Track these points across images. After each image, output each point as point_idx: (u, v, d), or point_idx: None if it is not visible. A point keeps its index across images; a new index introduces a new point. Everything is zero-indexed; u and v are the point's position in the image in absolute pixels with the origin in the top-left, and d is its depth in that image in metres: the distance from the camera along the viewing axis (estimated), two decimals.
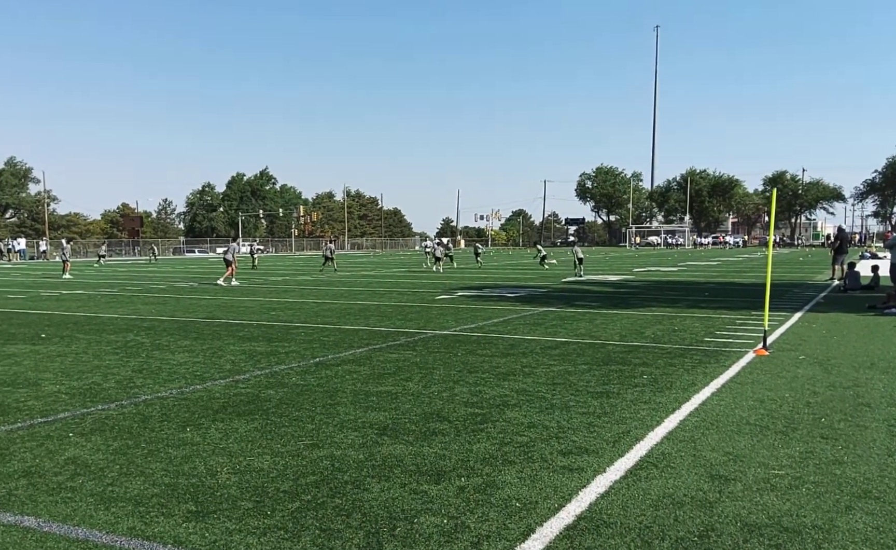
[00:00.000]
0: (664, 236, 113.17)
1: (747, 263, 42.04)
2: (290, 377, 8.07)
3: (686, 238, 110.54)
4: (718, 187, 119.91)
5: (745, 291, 20.88)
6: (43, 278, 30.16)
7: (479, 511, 4.17)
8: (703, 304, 16.66)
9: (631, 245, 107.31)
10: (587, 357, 9.27)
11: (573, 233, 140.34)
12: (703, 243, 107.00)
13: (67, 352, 9.98)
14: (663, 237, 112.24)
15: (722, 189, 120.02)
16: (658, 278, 27.82)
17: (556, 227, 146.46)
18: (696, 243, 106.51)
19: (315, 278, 27.90)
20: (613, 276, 29.00)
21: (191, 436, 5.72)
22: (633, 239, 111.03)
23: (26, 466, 5.00)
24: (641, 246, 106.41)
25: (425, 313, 14.85)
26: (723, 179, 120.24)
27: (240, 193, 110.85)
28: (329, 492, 4.48)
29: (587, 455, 5.18)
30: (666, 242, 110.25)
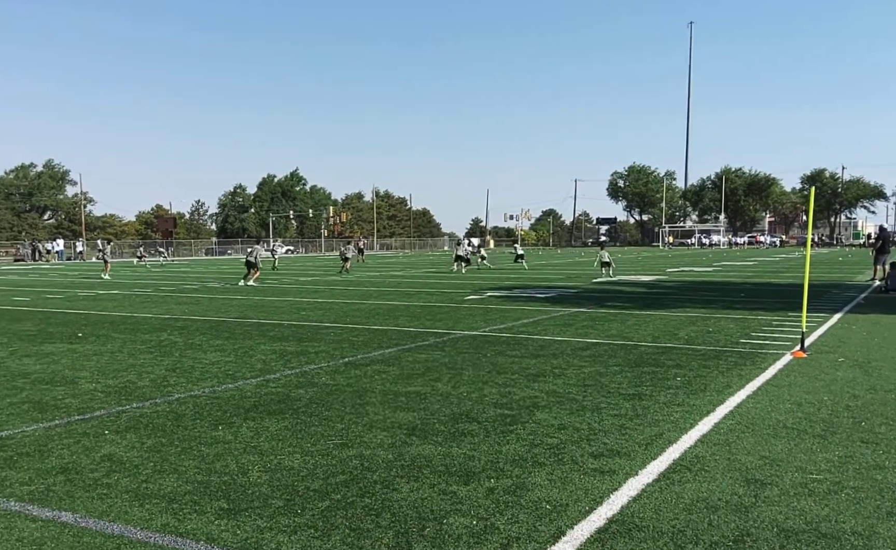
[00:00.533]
0: (698, 235, 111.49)
1: (784, 263, 41.26)
2: (319, 377, 8.12)
3: (721, 238, 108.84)
4: (754, 186, 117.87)
5: (783, 291, 20.48)
6: (80, 279, 30.82)
7: (508, 513, 4.14)
8: (738, 305, 16.38)
9: (664, 245, 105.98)
10: (619, 359, 9.17)
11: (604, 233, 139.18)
12: (739, 242, 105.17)
13: (103, 351, 10.17)
14: (697, 237, 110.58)
15: (758, 188, 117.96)
16: (692, 278, 27.43)
17: (587, 226, 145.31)
18: (731, 243, 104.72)
19: (344, 279, 28.08)
20: (646, 276, 28.67)
21: (223, 434, 5.78)
22: (665, 239, 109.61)
23: (64, 462, 5.10)
24: (674, 246, 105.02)
25: (454, 313, 14.84)
26: (759, 178, 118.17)
27: (270, 195, 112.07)
28: (358, 492, 4.48)
29: (619, 458, 5.12)
30: (700, 241, 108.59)
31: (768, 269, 34.05)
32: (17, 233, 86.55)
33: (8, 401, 7.03)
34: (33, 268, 46.31)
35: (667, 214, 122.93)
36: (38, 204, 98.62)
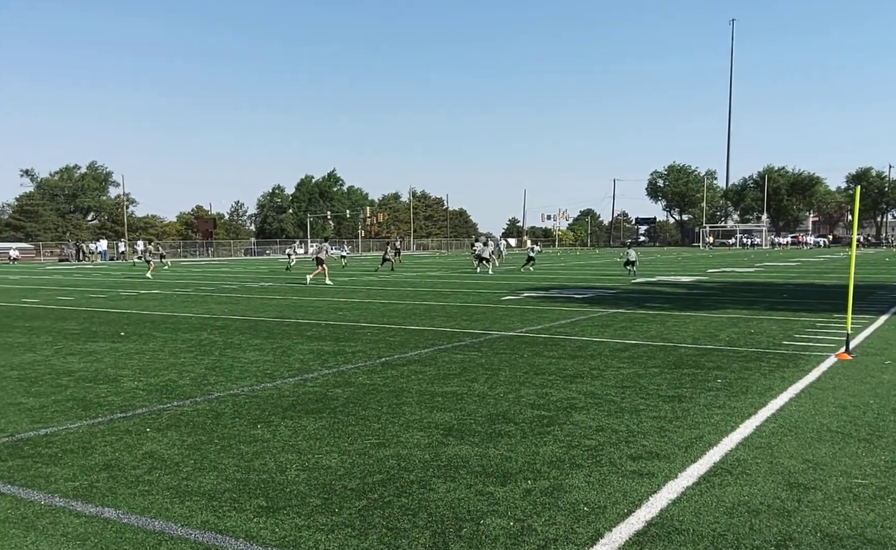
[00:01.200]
0: (740, 235, 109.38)
1: (829, 263, 40.26)
2: (356, 377, 8.17)
3: (763, 238, 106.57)
4: (798, 185, 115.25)
5: (827, 292, 19.99)
6: (123, 279, 31.54)
7: (545, 515, 4.11)
8: (781, 306, 16.02)
9: (704, 245, 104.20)
10: (658, 360, 9.04)
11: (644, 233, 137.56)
12: (782, 243, 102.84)
13: (145, 350, 10.38)
14: (739, 237, 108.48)
15: (801, 187, 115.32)
16: (733, 278, 26.92)
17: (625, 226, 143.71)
18: (773, 243, 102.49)
19: (381, 279, 28.22)
20: (686, 277, 28.23)
21: (261, 433, 5.85)
22: (706, 239, 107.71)
23: (107, 459, 5.21)
24: (715, 246, 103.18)
25: (491, 313, 14.80)
26: (802, 177, 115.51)
27: (308, 195, 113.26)
28: (395, 491, 4.49)
29: (658, 460, 5.04)
30: (741, 242, 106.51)
31: (812, 270, 33.25)
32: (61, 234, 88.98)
33: (53, 399, 7.21)
34: (77, 268, 47.54)
35: (707, 214, 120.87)
36: (81, 205, 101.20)
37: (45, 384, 7.92)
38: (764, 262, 43.66)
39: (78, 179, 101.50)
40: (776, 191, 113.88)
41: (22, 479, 4.79)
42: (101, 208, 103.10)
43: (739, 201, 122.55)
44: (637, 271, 29.58)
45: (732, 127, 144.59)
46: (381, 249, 34.34)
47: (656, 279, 26.45)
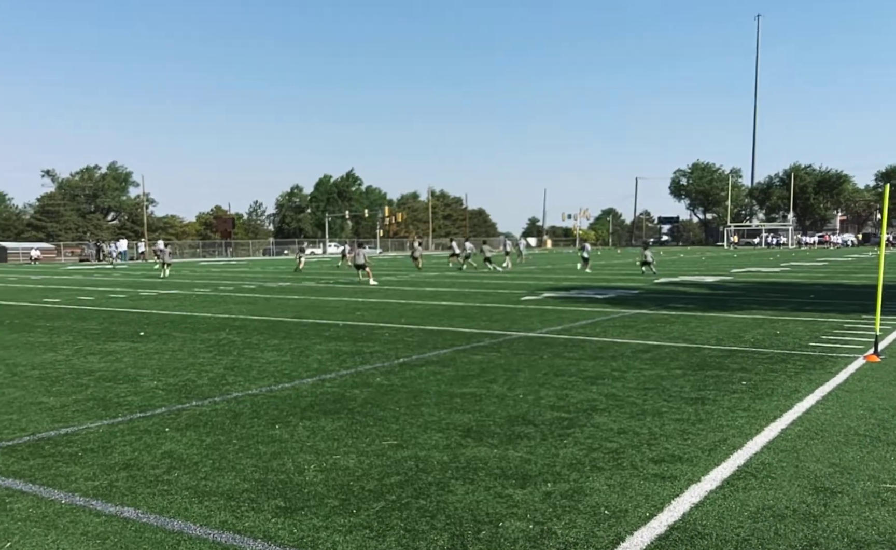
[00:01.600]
0: (765, 235, 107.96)
1: (857, 263, 39.66)
2: (374, 377, 8.14)
3: (789, 237, 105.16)
4: (825, 183, 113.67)
5: (855, 293, 19.66)
6: (142, 279, 31.85)
7: (566, 518, 4.04)
8: (808, 306, 15.77)
9: (729, 245, 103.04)
10: (681, 362, 8.92)
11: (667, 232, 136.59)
12: (808, 242, 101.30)
13: (164, 350, 10.44)
14: (764, 236, 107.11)
15: (829, 185, 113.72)
16: (758, 279, 26.59)
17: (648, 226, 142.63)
18: (799, 243, 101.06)
19: (399, 279, 28.24)
20: (710, 277, 27.94)
21: (279, 433, 5.84)
22: (730, 238, 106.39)
23: (126, 459, 5.23)
24: (740, 245, 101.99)
25: (510, 314, 14.73)
26: (830, 175, 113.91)
27: (326, 195, 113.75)
28: (413, 493, 4.45)
29: (681, 464, 4.95)
30: (766, 241, 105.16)
31: (840, 269, 32.75)
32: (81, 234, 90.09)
33: (73, 398, 7.26)
34: (97, 268, 48.11)
35: (732, 213, 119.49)
36: (102, 205, 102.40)
37: (65, 384, 7.99)
38: (790, 261, 43.12)
39: (98, 180, 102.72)
40: (803, 189, 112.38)
41: (43, 478, 4.81)
42: (121, 208, 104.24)
43: (765, 200, 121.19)
44: (656, 270, 29.61)
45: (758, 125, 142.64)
46: (405, 248, 35.33)
47: (679, 279, 26.20)
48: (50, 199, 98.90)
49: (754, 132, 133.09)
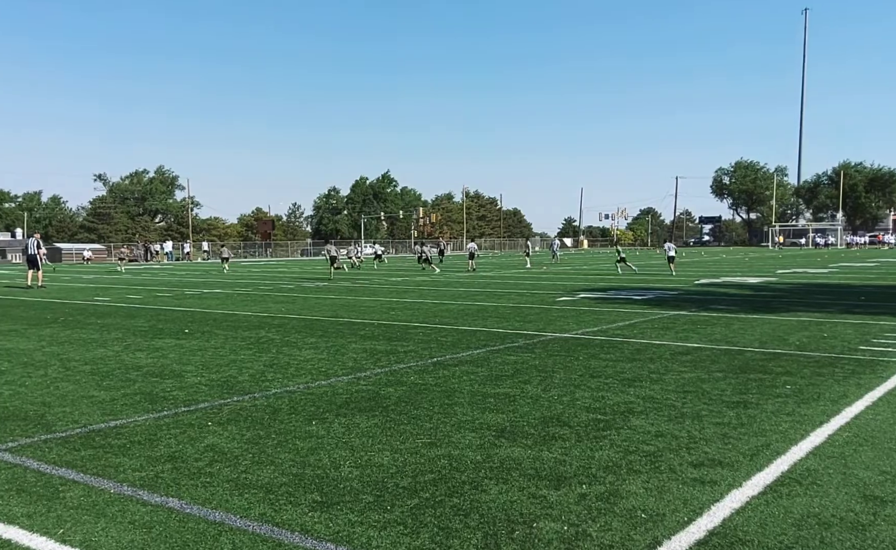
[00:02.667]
0: (812, 235, 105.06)
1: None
2: (408, 376, 8.19)
3: (838, 238, 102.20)
4: (877, 181, 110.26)
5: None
6: (187, 278, 32.51)
7: (601, 520, 4.01)
8: (858, 309, 15.31)
9: (773, 245, 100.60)
10: (722, 364, 8.77)
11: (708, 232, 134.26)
12: (859, 242, 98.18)
13: (207, 347, 10.65)
14: (811, 237, 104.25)
15: (881, 183, 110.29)
16: (805, 280, 25.95)
17: (688, 226, 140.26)
18: (848, 243, 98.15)
19: (433, 279, 28.30)
20: (753, 278, 27.36)
21: (316, 429, 5.91)
22: (775, 238, 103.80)
23: (171, 451, 5.35)
24: (785, 246, 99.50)
25: (545, 314, 14.65)
26: (882, 173, 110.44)
27: (363, 196, 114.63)
28: (447, 491, 4.47)
29: (721, 468, 4.87)
30: (814, 241, 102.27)
31: (893, 271, 31.74)
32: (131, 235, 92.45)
33: (122, 392, 7.46)
34: (145, 268, 49.26)
35: (777, 212, 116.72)
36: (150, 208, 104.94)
37: (115, 379, 8.21)
38: (839, 262, 41.97)
39: (146, 183, 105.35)
40: (853, 188, 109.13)
41: (94, 468, 4.96)
42: (168, 210, 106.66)
43: (812, 199, 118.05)
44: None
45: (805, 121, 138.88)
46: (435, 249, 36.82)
47: (721, 280, 25.71)
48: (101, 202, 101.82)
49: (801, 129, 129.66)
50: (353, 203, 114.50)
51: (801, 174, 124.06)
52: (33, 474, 4.87)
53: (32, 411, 6.68)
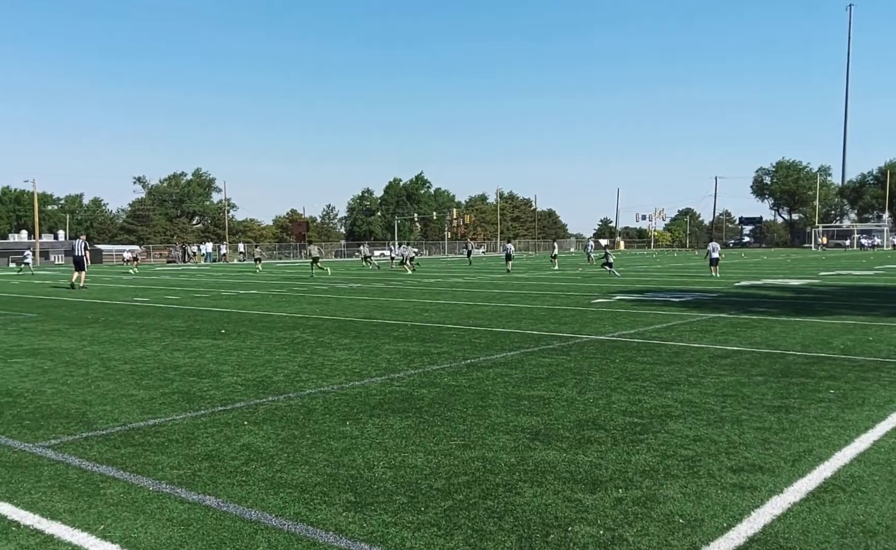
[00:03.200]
0: (857, 236, 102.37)
1: None
2: (442, 378, 8.17)
3: (884, 239, 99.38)
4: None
5: None
6: (223, 279, 33.00)
7: (637, 525, 3.95)
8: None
9: (816, 246, 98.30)
10: (763, 368, 8.58)
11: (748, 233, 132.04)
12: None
13: (243, 347, 10.79)
14: (856, 238, 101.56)
15: None
16: (849, 282, 25.31)
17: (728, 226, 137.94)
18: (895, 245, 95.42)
19: (467, 281, 28.28)
20: (795, 280, 26.79)
21: (350, 430, 5.94)
22: (819, 240, 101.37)
23: (208, 450, 5.42)
24: (829, 247, 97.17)
25: (580, 317, 14.52)
26: None
27: (396, 198, 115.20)
28: (481, 493, 4.44)
29: (761, 474, 4.76)
30: (859, 243, 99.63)
31: None
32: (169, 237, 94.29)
33: (160, 391, 7.59)
34: (182, 269, 50.15)
35: (820, 213, 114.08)
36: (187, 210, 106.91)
37: (153, 378, 8.36)
38: (885, 264, 40.86)
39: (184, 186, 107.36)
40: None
41: (133, 466, 5.05)
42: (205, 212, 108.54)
43: (857, 199, 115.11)
44: (717, 273, 28.99)
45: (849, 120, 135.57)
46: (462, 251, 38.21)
47: (762, 282, 25.22)
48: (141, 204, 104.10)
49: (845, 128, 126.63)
50: (386, 205, 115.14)
51: (846, 174, 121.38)
52: (75, 471, 4.98)
53: (74, 409, 6.84)
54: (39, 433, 5.95)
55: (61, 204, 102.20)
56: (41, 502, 4.38)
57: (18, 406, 6.97)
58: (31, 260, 49.36)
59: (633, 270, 38.05)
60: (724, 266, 38.40)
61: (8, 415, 6.62)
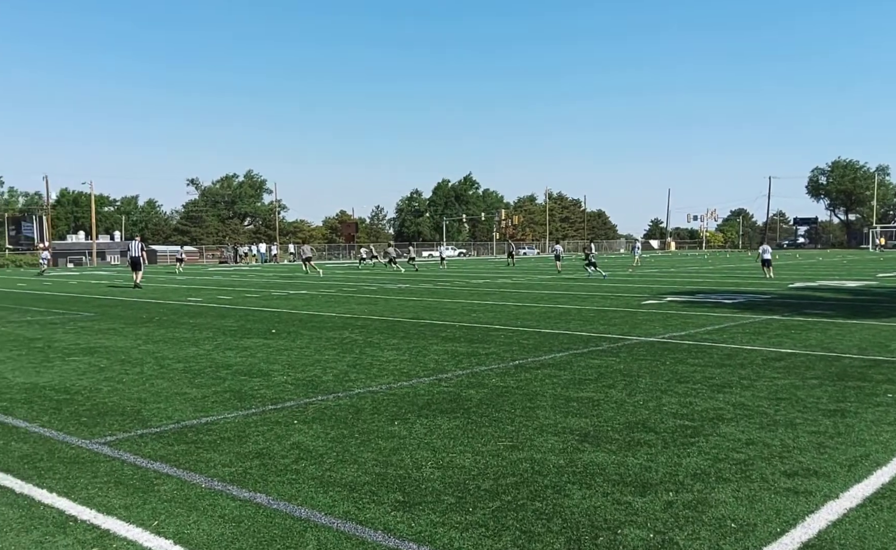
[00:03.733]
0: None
1: None
2: (490, 378, 8.18)
3: None
4: None
5: None
6: (274, 279, 33.59)
7: (688, 529, 3.89)
8: None
9: (874, 247, 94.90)
10: (818, 371, 8.34)
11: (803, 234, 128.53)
12: None
13: (293, 347, 10.98)
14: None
15: None
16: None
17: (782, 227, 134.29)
18: None
19: (514, 282, 28.18)
20: (852, 281, 25.93)
21: (398, 430, 5.99)
22: (877, 240, 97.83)
23: (259, 448, 5.54)
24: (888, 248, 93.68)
25: (630, 318, 14.34)
26: None
27: (444, 199, 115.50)
28: (529, 495, 4.44)
29: (816, 478, 4.64)
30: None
31: None
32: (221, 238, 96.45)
33: (213, 390, 7.79)
34: (234, 269, 51.26)
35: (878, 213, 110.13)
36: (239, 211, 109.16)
37: (206, 376, 8.58)
38: None
39: (236, 187, 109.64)
40: None
41: (186, 463, 5.19)
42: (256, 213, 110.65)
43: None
44: (771, 274, 28.16)
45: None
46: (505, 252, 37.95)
47: (817, 284, 24.48)
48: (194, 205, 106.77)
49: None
50: (434, 206, 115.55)
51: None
52: (130, 467, 5.13)
53: (129, 406, 7.06)
54: (96, 430, 6.15)
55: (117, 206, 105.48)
56: (97, 497, 4.51)
57: (76, 404, 7.21)
58: (46, 263, 49.49)
59: (683, 271, 37.35)
60: (778, 267, 37.41)
61: (66, 412, 6.86)
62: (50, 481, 4.83)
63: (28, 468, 5.11)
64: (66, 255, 75.00)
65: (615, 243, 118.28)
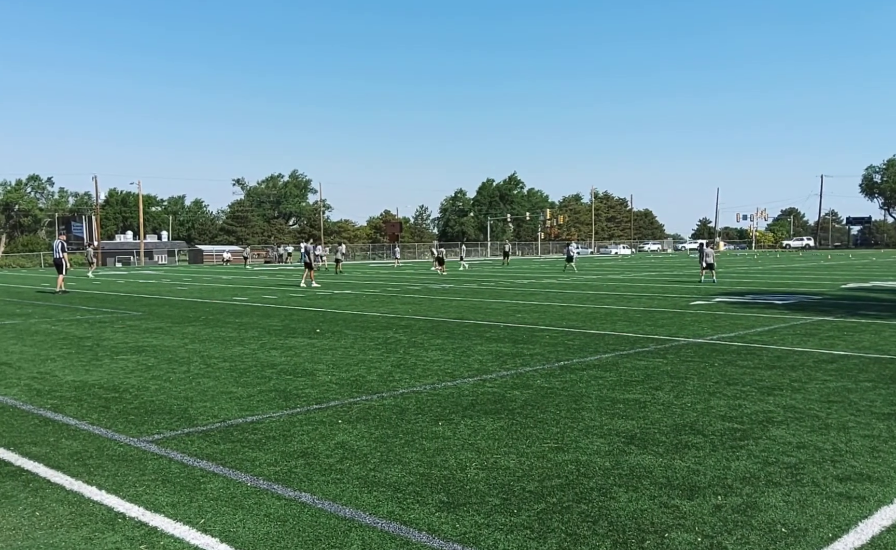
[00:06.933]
0: None
1: None
2: (534, 379, 8.13)
3: None
4: None
5: None
6: (318, 278, 33.96)
7: (737, 533, 3.81)
8: None
9: None
10: (871, 374, 8.08)
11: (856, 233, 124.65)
12: None
13: (337, 346, 11.09)
14: None
15: None
16: None
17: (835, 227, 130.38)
18: None
19: (560, 282, 27.96)
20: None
21: (442, 430, 6.00)
22: None
23: (304, 447, 5.61)
24: None
25: (678, 319, 14.09)
26: None
27: (489, 198, 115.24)
28: (575, 497, 4.40)
29: (869, 483, 4.49)
30: None
31: None
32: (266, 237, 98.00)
33: (258, 389, 7.92)
34: (279, 268, 52.04)
35: None
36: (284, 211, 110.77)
37: (251, 376, 8.72)
38: None
39: (281, 187, 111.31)
40: None
41: (232, 461, 5.28)
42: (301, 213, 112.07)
43: None
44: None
45: None
46: (561, 252, 36.83)
47: (870, 285, 23.69)
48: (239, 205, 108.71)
49: None
50: (479, 205, 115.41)
51: None
52: (177, 465, 5.22)
53: (176, 405, 7.20)
54: (143, 428, 6.28)
55: (164, 205, 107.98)
56: (145, 495, 4.60)
57: (124, 402, 7.39)
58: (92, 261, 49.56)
59: (733, 271, 36.55)
60: (830, 267, 36.30)
61: (114, 410, 7.02)
62: (99, 478, 4.95)
63: (78, 466, 5.24)
64: (114, 254, 76.95)
65: (664, 243, 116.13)
